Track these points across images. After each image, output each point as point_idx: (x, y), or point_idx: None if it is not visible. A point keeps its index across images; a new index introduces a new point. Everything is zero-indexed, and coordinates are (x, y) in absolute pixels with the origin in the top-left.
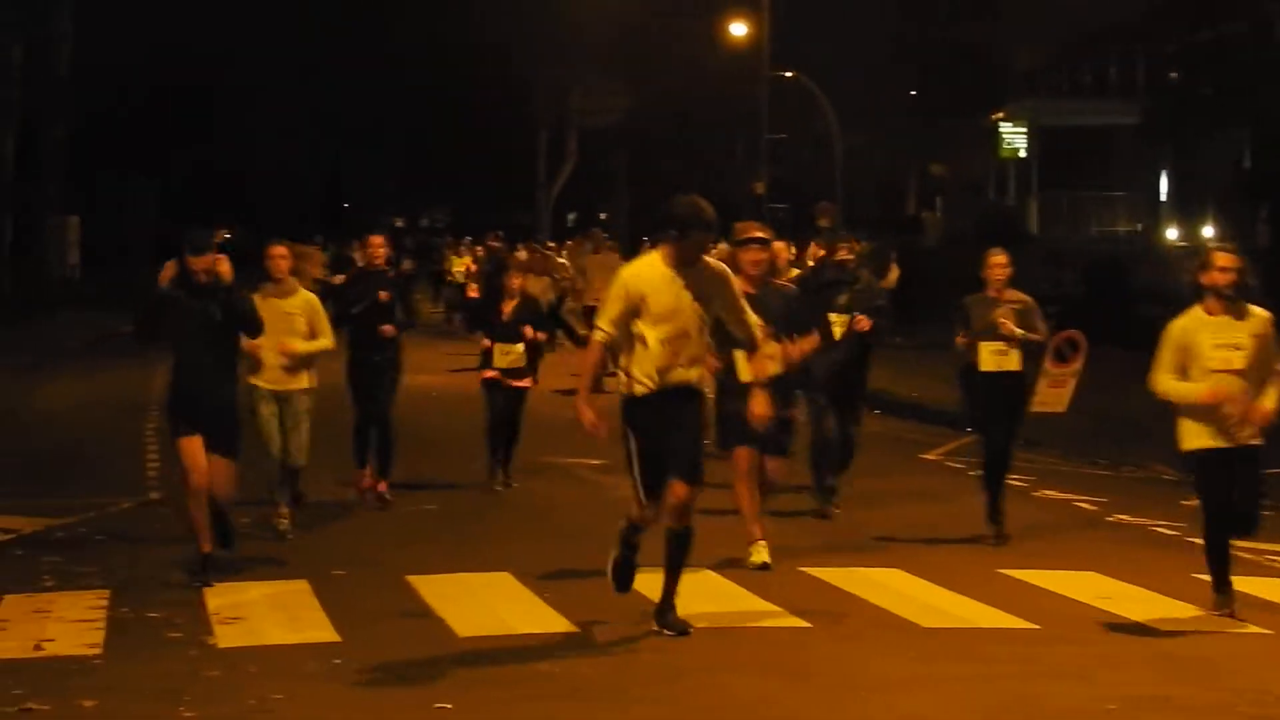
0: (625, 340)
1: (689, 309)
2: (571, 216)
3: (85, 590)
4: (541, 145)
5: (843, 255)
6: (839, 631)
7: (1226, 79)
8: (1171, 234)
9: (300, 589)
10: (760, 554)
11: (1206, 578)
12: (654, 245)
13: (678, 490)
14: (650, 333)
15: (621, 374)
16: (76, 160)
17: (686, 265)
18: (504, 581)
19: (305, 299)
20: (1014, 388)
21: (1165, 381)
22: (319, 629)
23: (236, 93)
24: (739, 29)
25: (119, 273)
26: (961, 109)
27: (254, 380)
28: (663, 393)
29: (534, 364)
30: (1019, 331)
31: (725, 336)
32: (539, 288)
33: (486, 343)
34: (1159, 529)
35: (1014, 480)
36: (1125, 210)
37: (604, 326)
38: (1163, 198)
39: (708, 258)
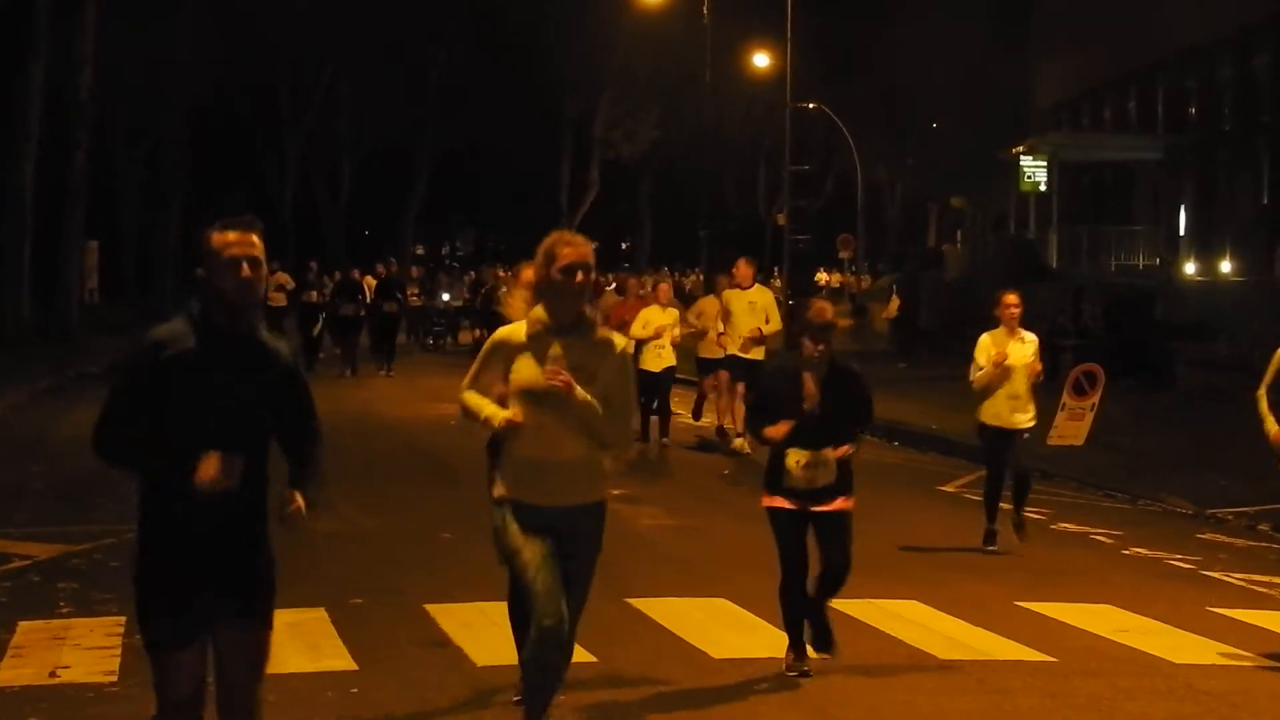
0: None
1: None
2: (594, 246)
3: (102, 617)
4: (564, 174)
5: None
6: (858, 663)
7: (1247, 114)
8: (1190, 268)
9: (318, 617)
10: None
11: (1224, 611)
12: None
13: None
14: None
15: None
16: (98, 186)
17: None
18: None
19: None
20: None
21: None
22: (337, 658)
23: (261, 120)
24: (762, 60)
25: (138, 299)
26: (983, 142)
27: (505, 491)
28: None
29: (847, 472)
30: None
31: None
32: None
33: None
34: (1175, 562)
35: (1031, 513)
36: (1145, 245)
37: None
38: (1182, 232)
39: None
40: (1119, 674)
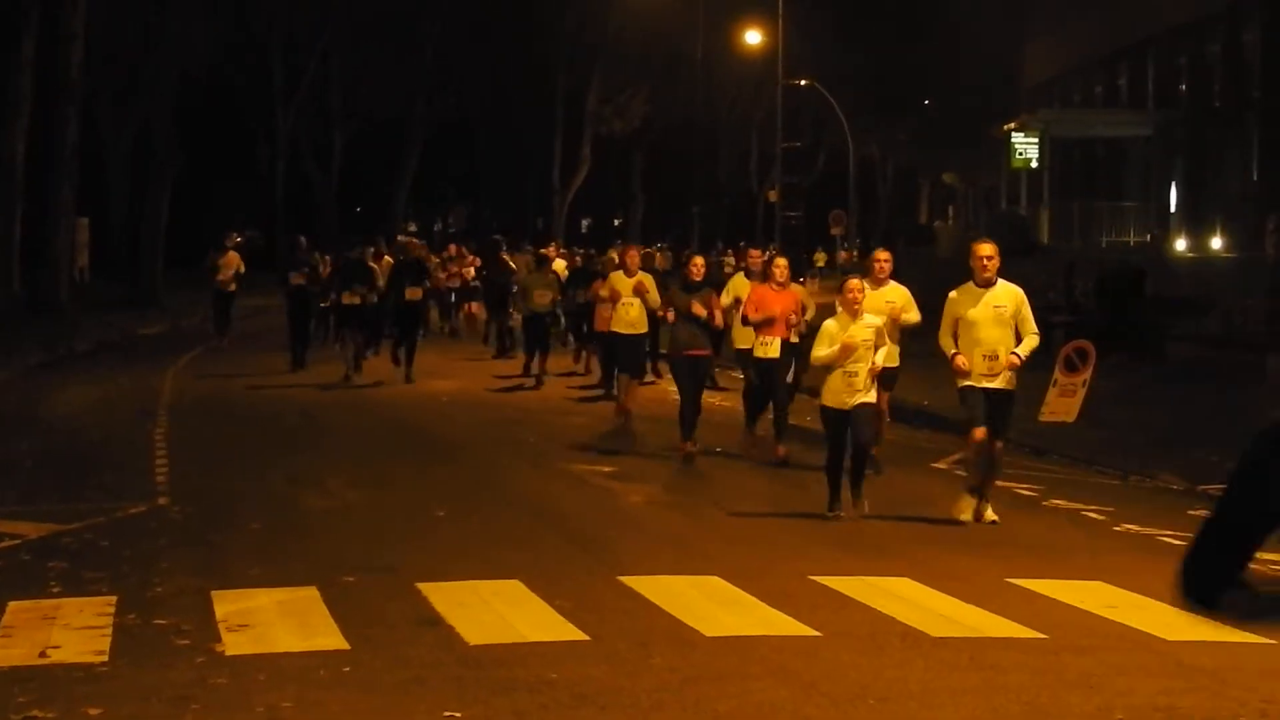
0: None
1: None
2: (585, 222)
3: (92, 597)
4: (557, 150)
5: None
6: (849, 640)
7: (1237, 91)
8: (1181, 244)
9: (309, 596)
10: None
11: None
12: None
13: None
14: None
15: None
16: (87, 163)
17: None
18: (515, 589)
19: None
20: None
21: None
22: (328, 636)
23: (253, 94)
24: (754, 37)
25: (128, 278)
26: (975, 119)
27: None
28: None
29: None
30: None
31: None
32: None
33: None
34: (1166, 539)
35: (1023, 490)
36: (1136, 220)
37: None
38: (1172, 208)
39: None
40: (1109, 650)
